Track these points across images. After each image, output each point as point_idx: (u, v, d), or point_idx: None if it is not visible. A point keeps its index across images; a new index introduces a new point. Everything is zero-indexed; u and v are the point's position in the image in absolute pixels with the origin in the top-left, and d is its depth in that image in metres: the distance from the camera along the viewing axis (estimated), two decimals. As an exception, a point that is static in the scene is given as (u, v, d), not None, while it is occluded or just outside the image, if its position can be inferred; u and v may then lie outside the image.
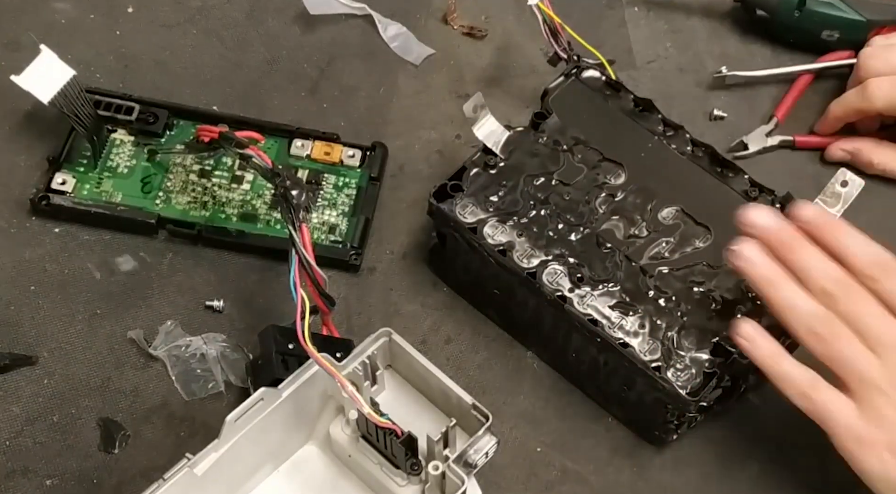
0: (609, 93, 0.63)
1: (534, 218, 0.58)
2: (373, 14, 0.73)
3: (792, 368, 0.51)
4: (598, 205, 0.59)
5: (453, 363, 0.60)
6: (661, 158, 0.61)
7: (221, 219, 0.64)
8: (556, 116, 0.62)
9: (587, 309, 0.55)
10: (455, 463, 0.51)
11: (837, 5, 0.70)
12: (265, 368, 0.56)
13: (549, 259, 0.57)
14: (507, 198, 0.59)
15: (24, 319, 0.61)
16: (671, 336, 0.55)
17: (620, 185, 0.60)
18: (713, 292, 0.56)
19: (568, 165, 0.60)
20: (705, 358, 0.54)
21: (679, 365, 0.54)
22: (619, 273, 0.57)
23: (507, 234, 0.58)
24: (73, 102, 0.61)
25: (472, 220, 0.58)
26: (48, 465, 0.57)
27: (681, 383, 0.54)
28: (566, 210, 0.59)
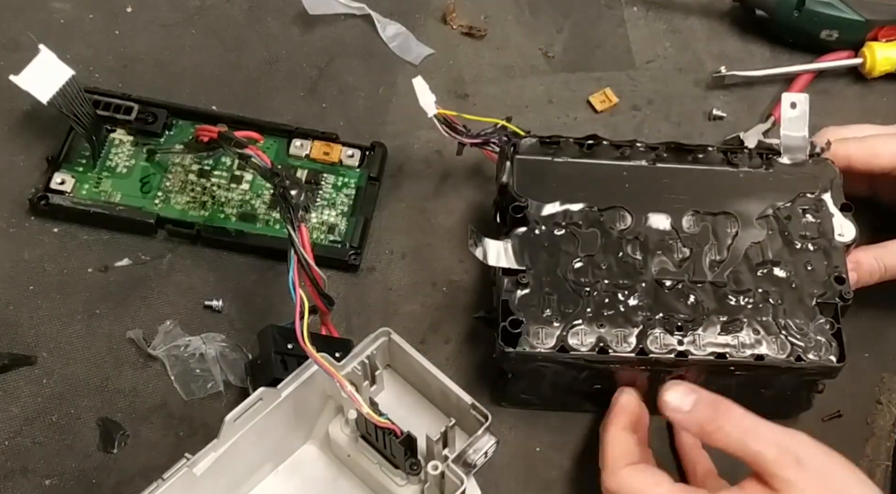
0: (551, 149, 0.61)
1: (597, 303, 0.56)
2: (372, 14, 0.73)
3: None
4: (632, 255, 0.57)
5: (452, 363, 0.60)
6: (639, 178, 0.60)
7: (220, 219, 0.64)
8: (535, 201, 0.59)
9: (706, 350, 0.55)
10: (454, 463, 0.51)
11: (836, 5, 0.70)
12: (264, 368, 0.56)
13: (640, 329, 0.55)
14: (560, 301, 0.56)
15: (23, 319, 0.61)
16: (783, 323, 0.56)
17: (633, 225, 0.58)
18: (780, 262, 0.57)
19: (582, 239, 0.58)
20: (823, 321, 0.56)
21: (811, 344, 0.55)
22: (701, 301, 0.56)
23: (590, 333, 0.55)
24: (71, 102, 0.61)
25: (553, 343, 0.55)
26: (47, 465, 0.57)
27: (824, 357, 0.55)
28: (613, 277, 0.57)
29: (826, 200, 0.59)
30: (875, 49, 0.70)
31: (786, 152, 0.61)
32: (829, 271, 0.57)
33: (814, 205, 0.59)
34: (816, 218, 0.59)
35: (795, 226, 0.59)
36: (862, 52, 0.71)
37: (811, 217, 0.59)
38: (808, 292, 0.56)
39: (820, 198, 0.59)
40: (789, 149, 0.60)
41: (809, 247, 0.58)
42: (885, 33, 0.71)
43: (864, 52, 0.71)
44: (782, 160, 0.61)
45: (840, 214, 0.59)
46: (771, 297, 0.56)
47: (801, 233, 0.58)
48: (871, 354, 0.62)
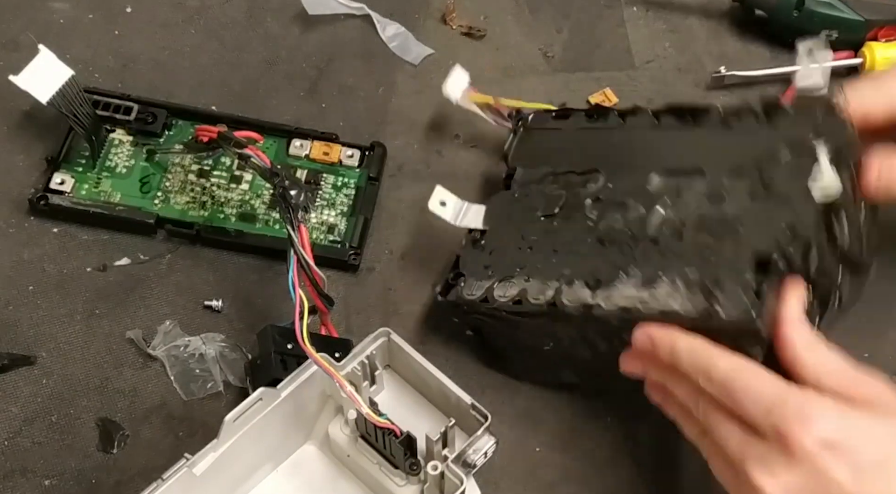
0: (559, 121, 0.63)
1: (535, 259, 0.57)
2: (371, 14, 0.73)
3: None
4: (589, 214, 0.57)
5: (452, 363, 0.60)
6: (629, 144, 0.59)
7: (220, 219, 0.64)
8: (521, 168, 0.61)
9: (616, 304, 0.53)
10: (454, 463, 0.51)
11: (836, 5, 0.70)
12: (264, 368, 0.56)
13: (560, 284, 0.55)
14: (503, 258, 0.58)
15: (23, 319, 0.61)
16: (711, 280, 0.51)
17: (601, 187, 0.58)
18: (733, 217, 0.53)
19: (547, 200, 0.59)
20: (750, 277, 0.50)
21: (731, 301, 0.50)
22: (631, 257, 0.54)
23: (515, 286, 0.56)
24: (71, 102, 0.61)
25: (480, 294, 0.57)
26: (47, 465, 0.57)
27: (738, 315, 0.49)
28: (562, 236, 0.57)
29: (821, 157, 0.51)
30: (875, 49, 0.70)
31: (797, 105, 0.55)
32: (788, 225, 0.50)
33: (798, 153, 0.52)
34: (797, 169, 0.51)
35: (769, 179, 0.53)
36: (862, 52, 0.71)
37: (791, 167, 0.52)
38: (752, 247, 0.51)
39: (810, 146, 0.51)
40: (801, 98, 0.55)
41: (776, 202, 0.52)
42: (884, 33, 0.71)
43: (863, 52, 0.71)
44: (787, 113, 0.55)
45: (829, 169, 0.50)
46: (705, 253, 0.52)
47: (773, 186, 0.52)
48: (870, 354, 0.62)
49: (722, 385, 0.47)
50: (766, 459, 0.45)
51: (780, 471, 0.44)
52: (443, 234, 0.65)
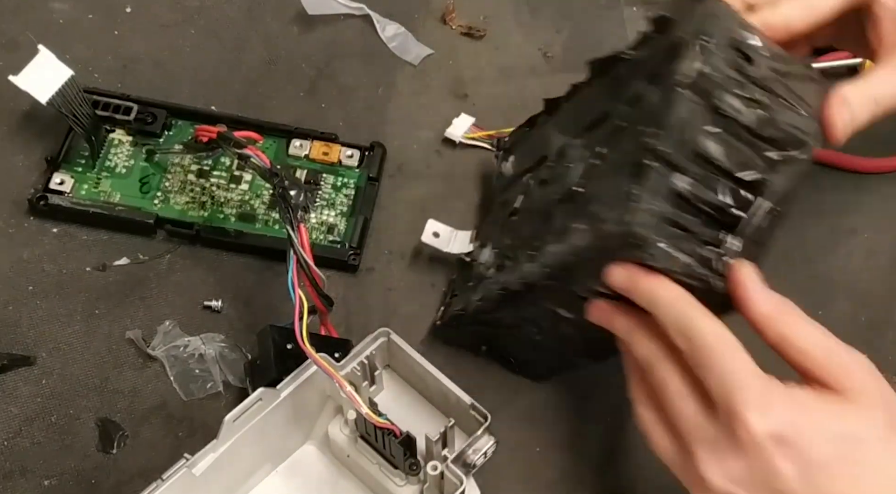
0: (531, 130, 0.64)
1: (497, 258, 0.58)
2: (371, 14, 0.73)
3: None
4: (534, 198, 0.58)
5: (452, 363, 0.60)
6: (570, 121, 0.59)
7: (220, 219, 0.64)
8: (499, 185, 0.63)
9: (540, 266, 0.52)
10: (454, 464, 0.51)
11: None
12: (263, 368, 0.56)
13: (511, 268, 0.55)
14: (478, 269, 0.59)
15: (23, 319, 0.61)
16: (602, 205, 0.49)
17: (546, 169, 0.58)
18: (622, 144, 0.51)
19: (509, 201, 0.60)
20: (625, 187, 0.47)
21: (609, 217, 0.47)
22: (557, 217, 0.53)
23: (483, 287, 0.57)
24: (71, 102, 0.61)
25: (461, 306, 0.58)
26: (46, 465, 0.57)
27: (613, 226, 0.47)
28: (515, 226, 0.58)
29: (683, 44, 0.49)
30: (874, 49, 0.70)
31: (673, 8, 0.53)
32: (657, 123, 0.48)
33: (675, 55, 0.49)
34: (673, 67, 0.49)
35: (653, 91, 0.50)
36: (861, 53, 0.71)
37: (669, 72, 0.49)
38: (631, 159, 0.48)
39: (682, 41, 0.49)
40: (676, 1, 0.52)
41: (654, 108, 0.49)
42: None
43: (863, 52, 0.71)
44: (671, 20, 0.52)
45: (691, 52, 0.48)
46: (603, 185, 0.50)
47: (655, 98, 0.50)
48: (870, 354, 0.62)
49: (699, 348, 0.45)
50: (715, 443, 0.44)
51: (727, 457, 0.44)
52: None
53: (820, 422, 0.44)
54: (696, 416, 0.45)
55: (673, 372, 0.47)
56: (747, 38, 0.50)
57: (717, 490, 0.45)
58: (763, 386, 0.44)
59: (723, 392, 0.44)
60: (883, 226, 0.66)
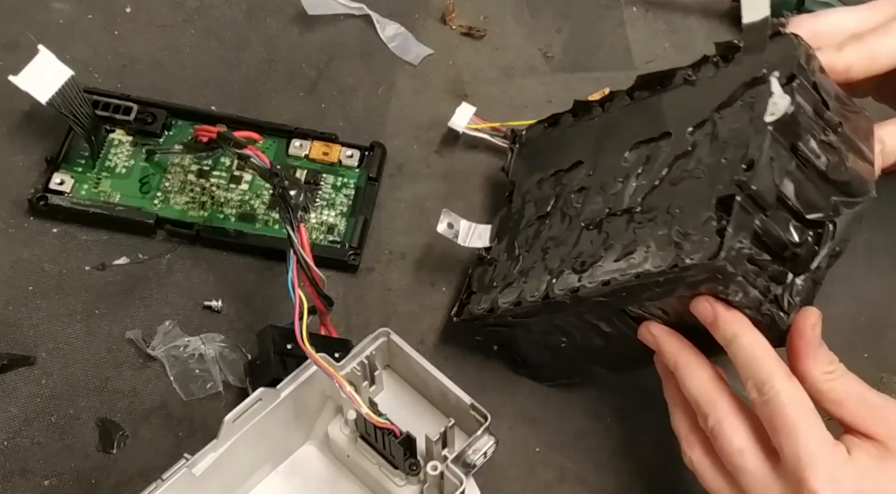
0: (550, 128, 0.64)
1: (530, 260, 0.57)
2: (371, 14, 0.73)
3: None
4: (575, 204, 0.57)
5: (452, 363, 0.60)
6: (609, 128, 0.59)
7: (220, 219, 0.64)
8: (519, 181, 0.63)
9: (597, 280, 0.52)
10: (453, 464, 0.51)
11: (835, 5, 0.70)
12: (263, 368, 0.56)
13: (551, 276, 0.55)
14: (505, 267, 0.59)
15: (23, 319, 0.61)
16: (677, 231, 0.49)
17: (584, 175, 0.58)
18: (699, 168, 0.51)
19: (538, 203, 0.60)
20: (711, 216, 0.48)
21: (694, 246, 0.48)
22: (608, 232, 0.53)
23: (515, 290, 0.56)
24: (71, 102, 0.61)
25: (486, 306, 0.57)
26: (46, 465, 0.57)
27: (695, 254, 0.47)
28: (552, 231, 0.57)
29: (771, 80, 0.49)
30: (874, 49, 0.70)
31: (746, 40, 0.53)
32: (743, 158, 0.48)
33: (755, 89, 0.50)
34: (751, 102, 0.50)
35: (727, 120, 0.51)
36: (861, 53, 0.71)
37: (746, 102, 0.50)
38: (713, 190, 0.49)
39: (765, 79, 0.49)
40: (749, 32, 0.52)
41: (733, 139, 0.50)
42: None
43: (863, 52, 0.71)
44: (742, 52, 0.53)
45: (779, 89, 0.48)
46: (672, 207, 0.50)
47: (730, 125, 0.50)
48: (870, 354, 0.62)
49: (775, 407, 0.47)
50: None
51: None
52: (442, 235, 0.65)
53: (880, 486, 0.46)
54: (761, 473, 0.47)
55: (737, 426, 0.48)
56: (824, 82, 0.51)
57: None
58: (833, 458, 0.46)
59: (794, 458, 0.46)
60: (883, 226, 0.66)
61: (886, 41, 0.55)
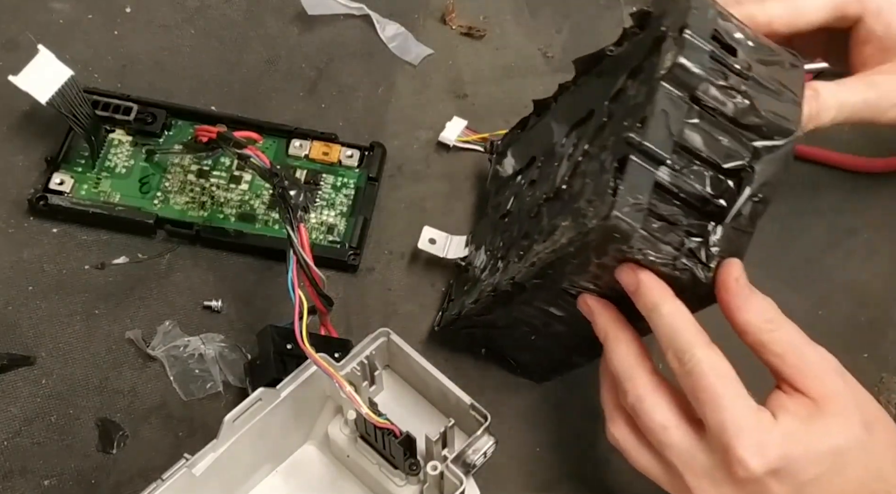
0: (522, 133, 0.64)
1: (489, 260, 0.58)
2: (371, 14, 0.73)
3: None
4: (525, 199, 0.58)
5: (452, 363, 0.60)
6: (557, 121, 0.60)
7: (220, 219, 0.64)
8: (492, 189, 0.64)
9: (525, 265, 0.53)
10: (453, 464, 0.51)
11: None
12: (263, 368, 0.56)
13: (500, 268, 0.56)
14: (473, 272, 0.60)
15: (22, 319, 0.61)
16: (586, 201, 0.49)
17: (535, 170, 0.59)
18: (606, 140, 0.51)
19: (501, 203, 0.60)
20: (609, 181, 0.47)
21: (590, 212, 0.47)
22: (546, 216, 0.54)
23: (477, 290, 0.57)
24: (70, 102, 0.61)
25: (456, 310, 0.59)
26: (46, 465, 0.56)
27: (594, 218, 0.47)
28: (507, 227, 0.58)
29: (668, 36, 0.49)
30: (874, 49, 0.70)
31: (655, 3, 0.53)
32: (640, 118, 0.48)
33: (658, 49, 0.50)
34: (655, 63, 0.49)
35: (636, 85, 0.51)
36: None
37: (650, 64, 0.50)
38: (615, 155, 0.48)
39: (664, 37, 0.50)
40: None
41: (636, 101, 0.50)
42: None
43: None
44: (652, 17, 0.53)
45: (671, 43, 0.49)
46: (587, 179, 0.50)
47: (637, 89, 0.50)
48: (870, 354, 0.62)
49: (695, 377, 0.46)
50: (711, 475, 0.46)
51: (724, 490, 0.46)
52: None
53: (808, 448, 0.46)
54: (686, 446, 0.47)
55: (657, 402, 0.48)
56: (729, 30, 0.51)
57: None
58: (758, 425, 0.45)
59: (719, 428, 0.45)
60: (883, 226, 0.66)
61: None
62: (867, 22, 0.57)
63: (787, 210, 0.65)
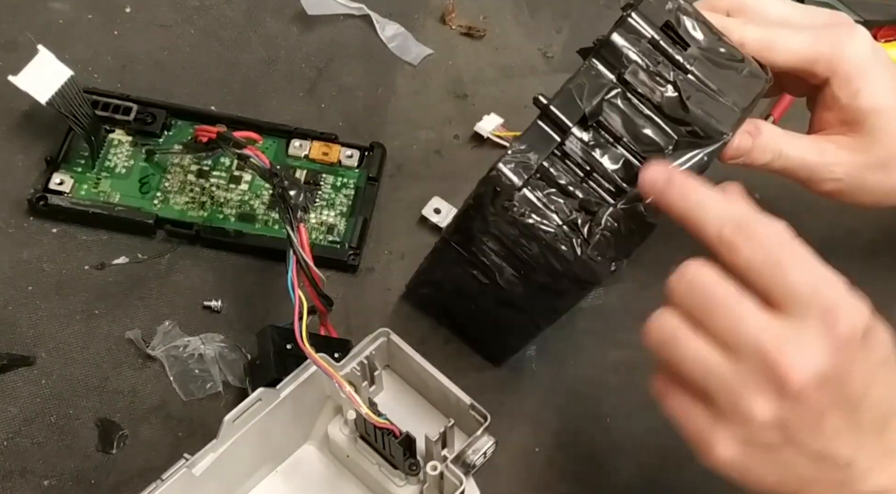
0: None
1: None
2: (371, 14, 0.73)
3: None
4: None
5: (452, 363, 0.60)
6: None
7: (219, 220, 0.64)
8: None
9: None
10: (453, 464, 0.51)
11: (835, 5, 0.70)
12: (263, 368, 0.56)
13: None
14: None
15: (22, 319, 0.61)
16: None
17: None
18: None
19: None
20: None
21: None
22: None
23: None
24: (70, 102, 0.61)
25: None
26: (46, 465, 0.56)
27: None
28: None
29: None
30: (874, 49, 0.70)
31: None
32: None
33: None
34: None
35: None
36: (861, 53, 0.71)
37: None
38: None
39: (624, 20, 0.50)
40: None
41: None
42: (883, 33, 0.71)
43: (863, 52, 0.71)
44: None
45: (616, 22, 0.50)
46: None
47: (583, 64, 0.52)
48: (870, 354, 0.62)
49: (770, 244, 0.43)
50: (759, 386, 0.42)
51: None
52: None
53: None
54: (725, 368, 0.43)
55: (690, 339, 0.43)
56: (689, 25, 0.51)
57: (764, 422, 0.42)
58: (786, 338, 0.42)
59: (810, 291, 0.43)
60: (883, 226, 0.66)
61: (789, 39, 0.54)
62: (833, 87, 0.54)
63: (787, 210, 0.65)
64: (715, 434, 0.44)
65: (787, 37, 0.54)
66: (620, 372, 0.61)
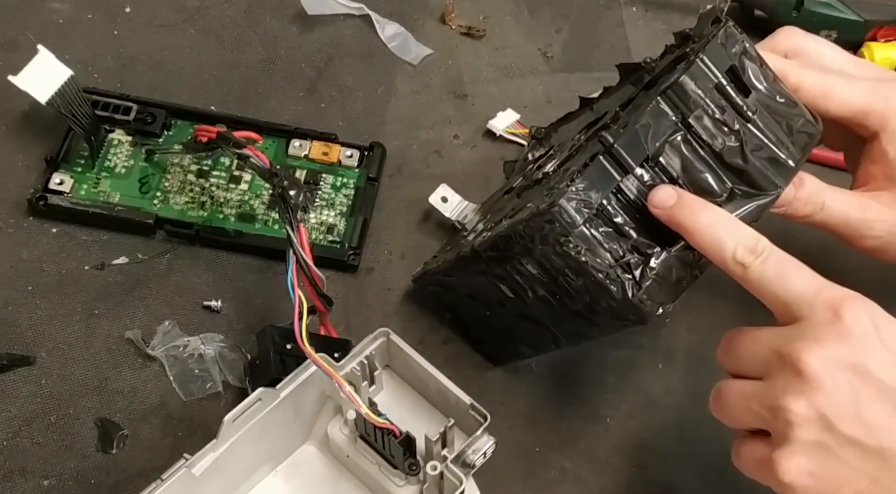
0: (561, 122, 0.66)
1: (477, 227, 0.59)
2: (371, 14, 0.73)
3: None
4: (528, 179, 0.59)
5: (451, 363, 0.60)
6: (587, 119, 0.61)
7: (219, 219, 0.64)
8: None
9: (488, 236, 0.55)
10: (453, 464, 0.51)
11: (835, 5, 0.70)
12: (263, 368, 0.56)
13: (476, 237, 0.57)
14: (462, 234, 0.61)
15: (22, 319, 0.61)
16: (550, 188, 0.50)
17: (545, 158, 0.60)
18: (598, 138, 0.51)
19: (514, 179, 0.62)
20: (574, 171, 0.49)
21: (548, 199, 0.48)
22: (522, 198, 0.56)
23: (455, 250, 0.58)
24: (70, 102, 0.61)
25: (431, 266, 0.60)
26: (46, 465, 0.56)
27: (540, 203, 0.49)
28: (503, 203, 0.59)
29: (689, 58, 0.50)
30: (874, 49, 0.71)
31: (696, 28, 0.55)
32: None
33: (674, 67, 0.52)
34: (667, 78, 0.50)
35: (648, 96, 0.52)
36: (860, 53, 0.71)
37: (663, 80, 0.51)
38: (593, 151, 0.50)
39: (685, 58, 0.51)
40: (701, 20, 0.54)
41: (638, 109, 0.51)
42: (883, 33, 0.71)
43: (862, 52, 0.71)
44: (691, 39, 0.55)
45: (685, 64, 0.50)
46: (565, 170, 0.53)
47: (641, 100, 0.52)
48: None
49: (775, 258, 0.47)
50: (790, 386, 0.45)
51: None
52: (442, 234, 0.65)
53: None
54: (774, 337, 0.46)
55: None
56: (752, 71, 0.51)
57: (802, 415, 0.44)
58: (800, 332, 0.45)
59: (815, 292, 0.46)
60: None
61: (846, 89, 0.54)
62: (882, 141, 0.54)
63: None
64: (776, 457, 0.45)
65: (844, 86, 0.54)
66: (620, 372, 0.61)
